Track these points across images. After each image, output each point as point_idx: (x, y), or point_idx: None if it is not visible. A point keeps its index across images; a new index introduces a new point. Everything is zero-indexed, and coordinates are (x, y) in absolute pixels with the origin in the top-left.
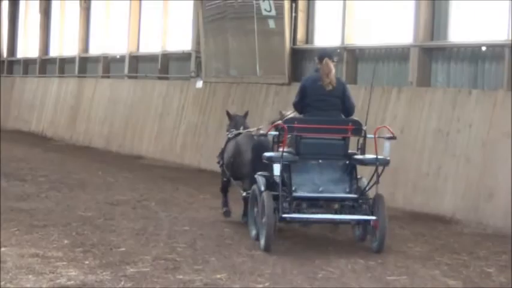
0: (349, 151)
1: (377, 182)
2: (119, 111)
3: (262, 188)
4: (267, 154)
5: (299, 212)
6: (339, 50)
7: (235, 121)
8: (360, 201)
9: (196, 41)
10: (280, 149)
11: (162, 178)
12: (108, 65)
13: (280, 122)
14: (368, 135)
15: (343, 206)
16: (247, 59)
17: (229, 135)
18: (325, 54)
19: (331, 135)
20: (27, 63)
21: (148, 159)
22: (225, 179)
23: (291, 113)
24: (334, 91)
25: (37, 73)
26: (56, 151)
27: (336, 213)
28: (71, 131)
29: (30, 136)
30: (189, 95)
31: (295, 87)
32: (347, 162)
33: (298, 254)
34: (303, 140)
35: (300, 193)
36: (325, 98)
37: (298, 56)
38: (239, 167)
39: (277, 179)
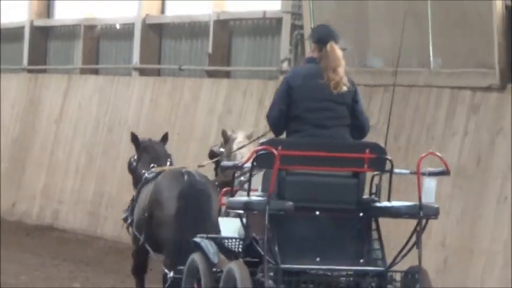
0: (365, 196)
1: (419, 245)
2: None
3: (216, 259)
4: (242, 200)
5: None
6: None
7: (154, 153)
8: (389, 277)
9: None
10: (252, 193)
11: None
12: None
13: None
14: (397, 170)
15: (360, 284)
16: (407, 36)
17: (147, 175)
18: (328, 35)
19: (337, 170)
20: None
21: (67, 232)
22: (140, 255)
23: (243, 136)
24: (343, 96)
25: None
26: None
27: None
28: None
29: None
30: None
31: None
32: (362, 214)
33: None
34: (290, 177)
35: (290, 264)
36: (329, 106)
37: None
38: (158, 228)
39: (232, 244)
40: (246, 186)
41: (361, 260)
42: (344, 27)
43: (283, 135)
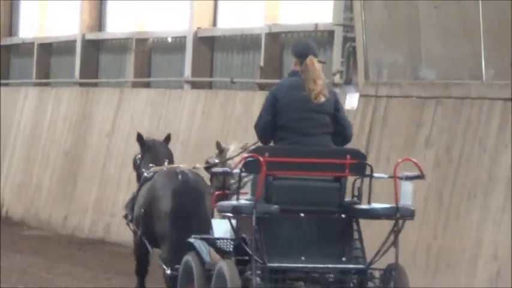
0: (347, 199)
1: (396, 245)
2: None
3: (208, 258)
4: (231, 203)
5: None
6: None
7: (154, 150)
8: (368, 274)
9: (346, 6)
10: (243, 197)
11: None
12: (48, 59)
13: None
14: (376, 175)
15: (342, 281)
16: (459, 46)
17: (146, 174)
18: (307, 50)
19: (320, 174)
20: None
21: (119, 245)
22: (140, 251)
23: (236, 147)
24: (323, 105)
25: None
26: (28, 255)
27: None
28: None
29: None
30: None
31: None
32: (344, 215)
33: None
34: (277, 182)
35: (276, 262)
36: (311, 116)
37: None
38: (155, 224)
39: (224, 244)
40: (243, 189)
41: (343, 259)
42: (396, 39)
43: (271, 143)
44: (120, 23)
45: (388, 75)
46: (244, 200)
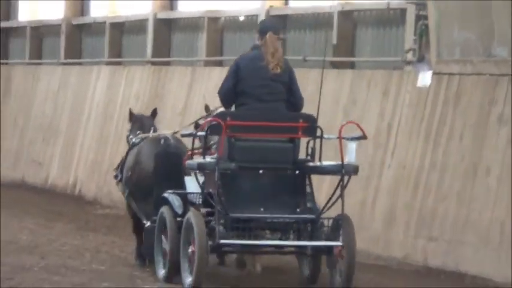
0: (300, 157)
1: (342, 197)
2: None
3: (180, 211)
4: (196, 161)
5: (238, 237)
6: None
7: (141, 123)
8: (319, 223)
9: None
10: (209, 155)
11: None
12: (120, 39)
13: (206, 118)
14: (326, 136)
15: (296, 229)
16: None
17: (134, 140)
18: (267, 27)
19: (276, 136)
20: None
21: None
22: (132, 209)
23: (220, 107)
24: (279, 76)
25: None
26: (101, 234)
27: (286, 238)
28: None
29: (45, 197)
30: (398, 103)
31: None
32: (297, 171)
33: None
34: (238, 142)
35: (238, 213)
36: (268, 84)
37: None
38: (139, 183)
39: (194, 198)
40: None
41: (298, 210)
42: (468, 17)
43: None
44: (192, 2)
45: (461, 52)
46: (209, 159)
